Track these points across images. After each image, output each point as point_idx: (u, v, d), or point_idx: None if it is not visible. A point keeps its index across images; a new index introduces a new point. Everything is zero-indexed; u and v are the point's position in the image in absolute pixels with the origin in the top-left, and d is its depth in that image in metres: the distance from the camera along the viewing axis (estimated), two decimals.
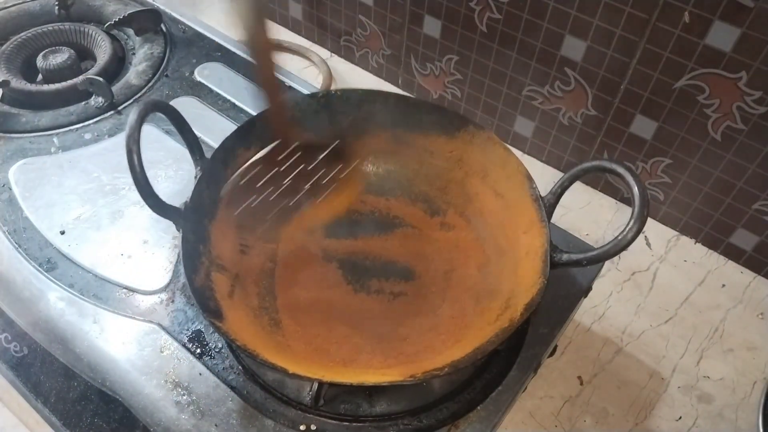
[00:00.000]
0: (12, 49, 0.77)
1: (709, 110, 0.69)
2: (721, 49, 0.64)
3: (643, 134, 0.77)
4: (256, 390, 0.52)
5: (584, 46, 0.74)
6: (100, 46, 0.79)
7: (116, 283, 0.58)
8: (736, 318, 0.74)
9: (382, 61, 0.98)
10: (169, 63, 0.78)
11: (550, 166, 0.89)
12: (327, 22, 1.01)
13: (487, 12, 0.79)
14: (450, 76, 0.90)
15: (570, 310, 0.59)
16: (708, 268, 0.79)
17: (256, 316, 0.54)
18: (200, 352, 0.54)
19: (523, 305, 0.49)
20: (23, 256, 0.59)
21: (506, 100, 0.86)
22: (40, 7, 0.83)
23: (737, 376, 0.69)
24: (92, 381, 0.53)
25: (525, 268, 0.53)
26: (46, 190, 0.64)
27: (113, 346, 0.54)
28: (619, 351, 0.71)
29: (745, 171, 0.71)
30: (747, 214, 0.74)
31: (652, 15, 0.67)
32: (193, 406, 0.51)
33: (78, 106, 0.72)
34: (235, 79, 0.77)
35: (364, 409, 0.52)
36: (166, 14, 0.84)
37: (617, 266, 0.78)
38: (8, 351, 0.57)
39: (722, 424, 0.65)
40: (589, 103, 0.79)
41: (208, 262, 0.53)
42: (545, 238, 0.52)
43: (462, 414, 0.51)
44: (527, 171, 0.57)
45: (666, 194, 0.80)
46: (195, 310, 0.56)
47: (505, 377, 0.54)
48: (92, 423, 0.52)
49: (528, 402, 0.66)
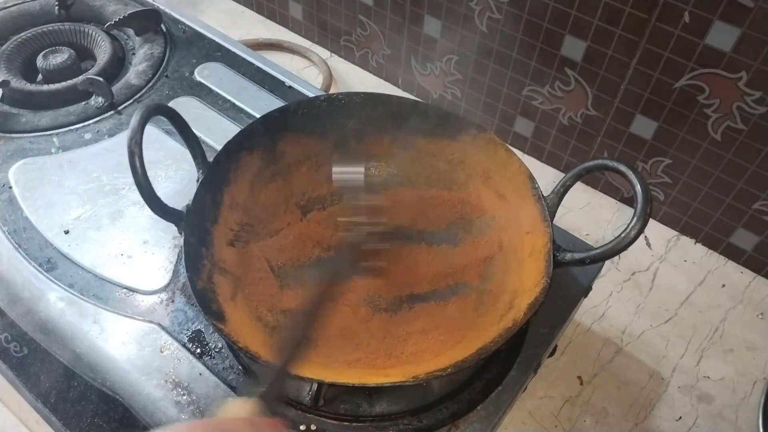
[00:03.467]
0: (12, 49, 0.77)
1: (709, 110, 0.69)
2: (721, 49, 0.64)
3: (643, 134, 0.77)
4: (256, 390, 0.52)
5: (584, 46, 0.74)
6: (100, 46, 0.79)
7: (116, 283, 0.58)
8: (736, 318, 0.74)
9: (382, 61, 0.98)
10: (169, 63, 0.78)
11: (550, 166, 0.89)
12: (327, 22, 1.01)
13: (487, 12, 0.79)
14: (450, 76, 0.90)
15: (570, 310, 0.59)
16: (708, 268, 0.79)
17: (258, 318, 0.54)
18: (200, 352, 0.54)
19: (526, 305, 0.49)
20: (23, 256, 0.59)
21: (506, 100, 0.86)
22: (40, 7, 0.83)
23: (737, 376, 0.69)
24: (92, 381, 0.53)
25: (528, 268, 0.53)
26: (46, 190, 0.64)
27: (113, 346, 0.54)
28: (619, 351, 0.71)
29: (745, 171, 0.71)
30: (747, 214, 0.74)
31: (652, 15, 0.67)
32: (193, 406, 0.51)
33: (78, 106, 0.72)
34: (235, 79, 0.77)
35: (364, 409, 0.52)
36: (166, 14, 0.84)
37: (617, 266, 0.78)
38: (8, 351, 0.57)
39: (722, 424, 0.65)
40: (589, 103, 0.79)
41: (210, 265, 0.53)
42: (548, 237, 0.52)
43: (462, 414, 0.51)
44: (529, 171, 0.57)
45: (666, 194, 0.80)
46: (195, 310, 0.56)
47: (505, 377, 0.54)
48: (92, 423, 0.52)
49: (528, 402, 0.66)
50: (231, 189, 0.58)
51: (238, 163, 0.59)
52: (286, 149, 0.62)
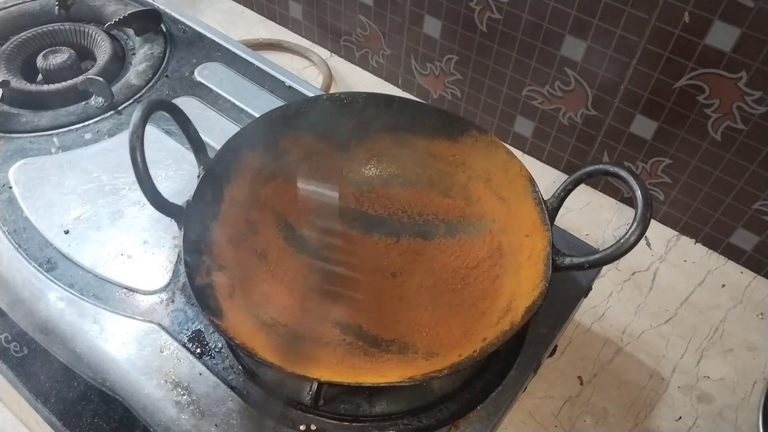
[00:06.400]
0: (12, 49, 0.77)
1: (709, 110, 0.69)
2: (721, 49, 0.64)
3: (643, 134, 0.77)
4: (256, 390, 0.52)
5: (584, 46, 0.74)
6: (100, 46, 0.79)
7: (116, 283, 0.58)
8: (736, 318, 0.74)
9: (382, 61, 0.98)
10: (169, 63, 0.78)
11: (550, 166, 0.89)
12: (327, 22, 1.01)
13: (487, 12, 0.79)
14: (450, 76, 0.90)
15: (570, 310, 0.59)
16: (708, 268, 0.79)
17: (256, 316, 0.54)
18: (200, 352, 0.54)
19: (524, 308, 0.49)
20: (23, 256, 0.59)
21: (506, 100, 0.86)
22: (40, 7, 0.83)
23: (737, 376, 0.69)
24: (92, 381, 0.53)
25: (527, 272, 0.53)
26: (46, 190, 0.64)
27: (113, 346, 0.54)
28: (619, 351, 0.71)
29: (745, 171, 0.71)
30: (747, 214, 0.74)
31: (652, 15, 0.67)
32: (193, 406, 0.51)
33: (78, 106, 0.72)
34: (235, 79, 0.77)
35: (364, 409, 0.52)
36: (166, 14, 0.84)
37: (617, 266, 0.78)
38: (8, 351, 0.57)
39: (722, 424, 0.65)
40: (589, 103, 0.79)
41: (209, 261, 0.53)
42: (547, 241, 0.52)
43: (462, 414, 0.51)
44: (530, 174, 0.57)
45: (666, 194, 0.80)
46: (195, 309, 0.56)
47: (505, 377, 0.54)
48: (92, 423, 0.52)
49: (528, 402, 0.66)
50: (231, 186, 0.58)
51: (239, 160, 0.59)
52: (287, 148, 0.62)
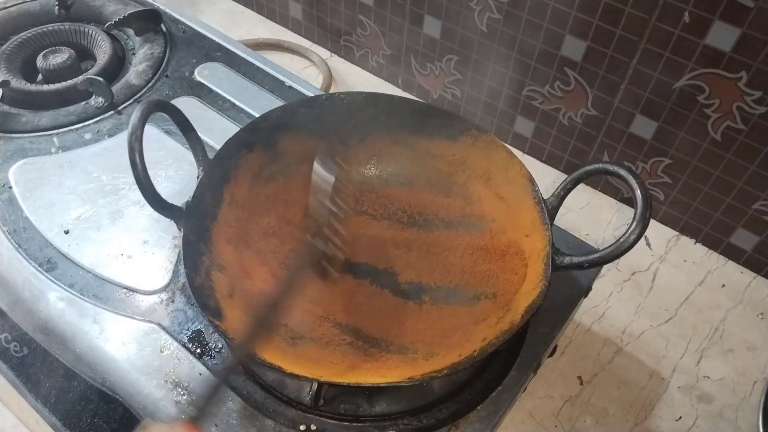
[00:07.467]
0: (12, 49, 0.77)
1: (709, 110, 0.69)
2: (721, 49, 0.64)
3: (643, 134, 0.77)
4: (256, 390, 0.52)
5: (584, 46, 0.74)
6: (100, 46, 0.79)
7: (116, 283, 0.58)
8: (736, 318, 0.74)
9: (382, 61, 0.98)
10: (169, 63, 0.78)
11: (550, 166, 0.89)
12: (327, 22, 1.01)
13: (487, 12, 0.79)
14: (450, 76, 0.90)
15: (570, 310, 0.59)
16: (708, 268, 0.79)
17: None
18: (200, 352, 0.54)
19: (523, 308, 0.49)
20: (23, 256, 0.59)
21: (506, 100, 0.86)
22: (40, 7, 0.83)
23: (737, 376, 0.69)
24: (92, 381, 0.53)
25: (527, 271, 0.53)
26: (46, 190, 0.64)
27: (113, 346, 0.54)
28: (619, 351, 0.71)
29: (745, 171, 0.71)
30: (747, 214, 0.74)
31: (652, 15, 0.67)
32: (193, 406, 0.51)
33: (78, 106, 0.72)
34: (235, 79, 0.77)
35: (364, 409, 0.52)
36: (166, 14, 0.84)
37: (617, 266, 0.78)
38: (8, 351, 0.57)
39: (722, 424, 0.65)
40: (589, 103, 0.79)
41: (209, 262, 0.53)
42: (547, 240, 0.52)
43: (462, 414, 0.51)
44: (530, 174, 0.57)
45: (666, 194, 0.80)
46: (195, 309, 0.56)
47: (505, 377, 0.54)
48: (92, 423, 0.52)
49: (528, 402, 0.66)
50: (231, 187, 0.58)
51: (238, 161, 0.59)
52: (287, 148, 0.62)
